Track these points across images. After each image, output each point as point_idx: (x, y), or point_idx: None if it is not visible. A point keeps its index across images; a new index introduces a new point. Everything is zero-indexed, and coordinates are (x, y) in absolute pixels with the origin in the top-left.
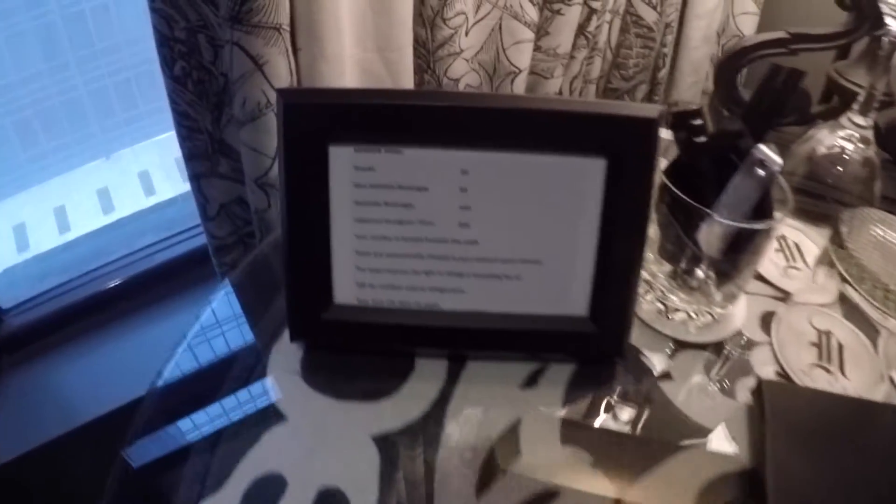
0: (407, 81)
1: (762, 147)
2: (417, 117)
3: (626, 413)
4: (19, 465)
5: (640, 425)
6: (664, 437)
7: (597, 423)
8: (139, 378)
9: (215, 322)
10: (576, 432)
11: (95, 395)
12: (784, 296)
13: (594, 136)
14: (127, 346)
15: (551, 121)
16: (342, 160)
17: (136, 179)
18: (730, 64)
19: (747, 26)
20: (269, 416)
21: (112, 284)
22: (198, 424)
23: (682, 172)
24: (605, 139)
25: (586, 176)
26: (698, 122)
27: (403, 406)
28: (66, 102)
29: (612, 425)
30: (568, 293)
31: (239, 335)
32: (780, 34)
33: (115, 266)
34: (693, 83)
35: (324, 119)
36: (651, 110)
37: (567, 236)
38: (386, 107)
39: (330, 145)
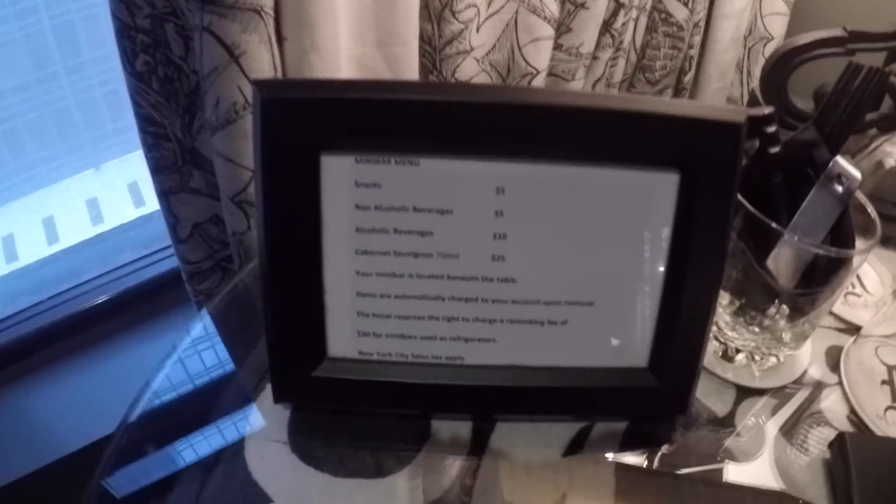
0: None
1: (840, 160)
2: (439, 118)
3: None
4: None
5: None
6: (732, 497)
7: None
8: (118, 409)
9: (185, 374)
10: None
11: (69, 428)
12: (846, 326)
13: (666, 145)
14: (103, 373)
15: (613, 124)
16: (339, 174)
17: (125, 190)
18: (780, 65)
19: (776, 28)
20: (249, 497)
21: (87, 306)
22: None
23: (748, 189)
24: (679, 148)
25: (654, 194)
26: (772, 129)
27: (417, 484)
28: (55, 112)
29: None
30: (625, 340)
31: (212, 384)
32: (837, 31)
33: (90, 287)
34: (719, 89)
35: (315, 119)
36: (736, 113)
37: (627, 271)
38: (398, 103)
39: (323, 154)
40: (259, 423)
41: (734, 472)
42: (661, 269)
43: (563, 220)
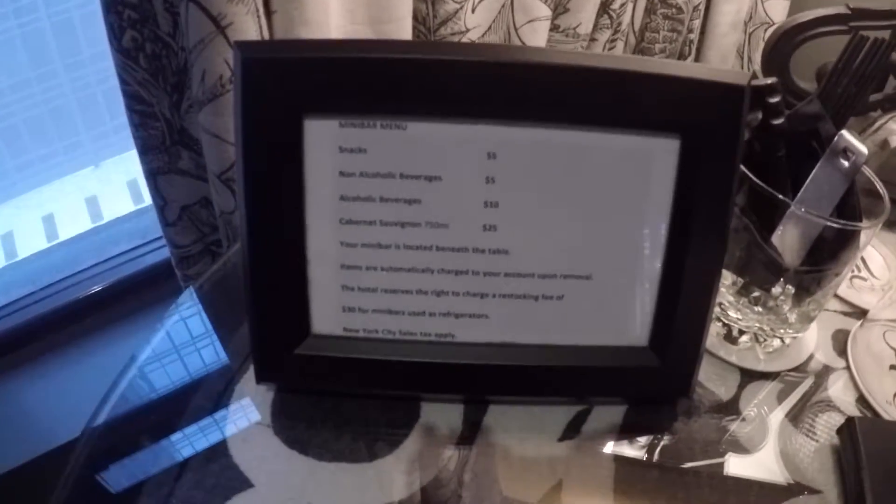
0: None
1: (846, 133)
2: (427, 77)
3: (688, 462)
4: None
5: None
6: (736, 486)
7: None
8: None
9: (169, 348)
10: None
11: (63, 418)
12: (852, 310)
13: (666, 108)
14: (96, 363)
15: (611, 85)
16: (323, 139)
17: (124, 188)
18: (783, 44)
19: (777, 13)
20: (229, 482)
21: (81, 295)
22: (139, 489)
23: (752, 163)
24: (680, 112)
25: (654, 160)
26: (776, 99)
27: (406, 468)
28: (54, 110)
29: (673, 479)
30: (624, 317)
31: (195, 366)
32: (840, 9)
33: (84, 276)
34: None
35: (298, 80)
36: (739, 76)
37: (626, 243)
38: (385, 62)
39: (306, 117)
40: (241, 405)
41: (738, 460)
42: (662, 241)
43: (558, 187)
